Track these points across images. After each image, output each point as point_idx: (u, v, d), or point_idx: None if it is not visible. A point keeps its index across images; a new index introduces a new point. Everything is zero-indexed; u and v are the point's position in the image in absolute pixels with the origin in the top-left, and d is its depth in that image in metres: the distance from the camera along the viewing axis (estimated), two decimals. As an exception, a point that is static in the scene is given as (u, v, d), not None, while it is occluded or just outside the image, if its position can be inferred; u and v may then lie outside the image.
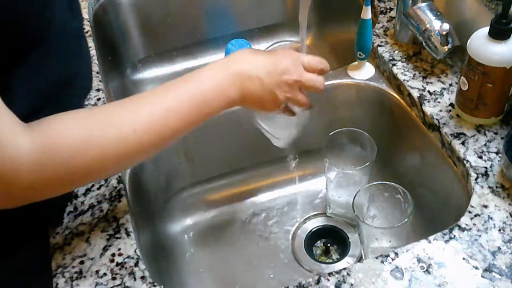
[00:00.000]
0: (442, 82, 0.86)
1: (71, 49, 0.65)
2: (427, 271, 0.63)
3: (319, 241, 0.91)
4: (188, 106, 0.58)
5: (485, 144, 0.76)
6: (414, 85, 0.86)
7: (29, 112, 0.58)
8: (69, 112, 0.54)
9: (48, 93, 0.60)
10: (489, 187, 0.71)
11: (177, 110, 0.58)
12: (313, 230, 0.93)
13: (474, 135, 0.78)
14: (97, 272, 0.67)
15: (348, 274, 0.64)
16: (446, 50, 0.84)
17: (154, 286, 0.65)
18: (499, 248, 0.65)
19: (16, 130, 0.49)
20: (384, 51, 0.93)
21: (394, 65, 0.90)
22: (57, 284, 0.66)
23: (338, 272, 0.64)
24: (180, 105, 0.58)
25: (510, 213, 0.68)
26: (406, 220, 0.73)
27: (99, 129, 0.53)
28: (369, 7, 0.86)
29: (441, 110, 0.82)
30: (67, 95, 0.64)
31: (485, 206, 0.69)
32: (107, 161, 0.54)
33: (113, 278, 0.66)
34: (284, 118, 0.75)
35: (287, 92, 0.67)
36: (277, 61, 0.67)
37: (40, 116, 0.53)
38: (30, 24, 0.54)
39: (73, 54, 0.66)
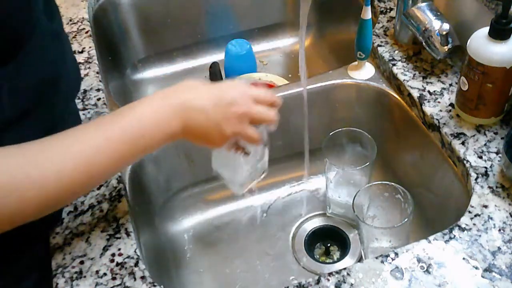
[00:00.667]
0: (442, 82, 0.86)
1: (53, 51, 0.63)
2: (427, 271, 0.63)
3: (319, 241, 0.91)
4: (120, 143, 0.54)
5: (485, 144, 0.76)
6: (414, 85, 0.86)
7: (18, 116, 0.58)
8: None
9: (33, 96, 0.59)
10: (489, 187, 0.71)
11: (107, 148, 0.54)
12: (313, 230, 0.93)
13: (474, 135, 0.78)
14: (97, 272, 0.67)
15: (348, 274, 0.64)
16: (446, 50, 0.84)
17: (154, 286, 0.65)
18: (499, 248, 0.65)
19: None
20: (384, 51, 0.93)
21: (394, 65, 0.90)
22: (57, 284, 0.66)
23: (338, 272, 0.64)
24: (111, 143, 0.54)
25: (510, 213, 0.68)
26: (406, 220, 0.73)
27: (22, 171, 0.50)
28: (369, 7, 0.86)
29: (441, 110, 0.82)
30: (52, 98, 0.63)
31: (485, 206, 0.69)
32: (30, 205, 0.51)
33: (113, 278, 0.66)
34: (239, 161, 0.69)
35: (235, 124, 0.61)
36: (223, 92, 0.62)
37: (30, 121, 0.52)
38: (12, 24, 0.53)
39: (55, 56, 0.65)
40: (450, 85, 0.85)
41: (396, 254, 0.65)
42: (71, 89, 0.71)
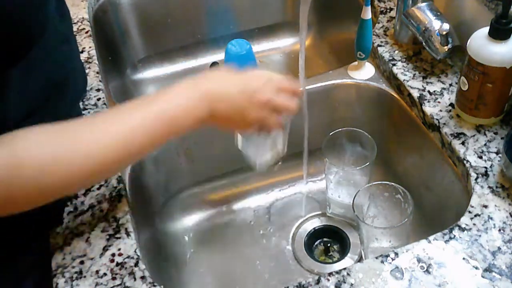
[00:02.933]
0: (442, 82, 0.86)
1: (62, 53, 0.65)
2: (427, 271, 0.63)
3: (319, 241, 0.91)
4: (154, 125, 0.58)
5: (485, 144, 0.76)
6: (414, 85, 0.86)
7: (24, 116, 0.59)
8: (39, 129, 0.54)
9: (40, 97, 0.60)
10: (489, 187, 0.71)
11: (143, 129, 0.57)
12: (313, 230, 0.93)
13: (474, 135, 0.78)
14: (97, 272, 0.67)
15: (348, 274, 0.64)
16: (446, 50, 0.84)
17: (154, 286, 0.65)
18: (499, 248, 0.65)
19: None
20: (384, 51, 0.93)
21: (394, 65, 0.90)
22: (57, 284, 0.66)
23: (338, 272, 0.64)
24: (147, 124, 0.57)
25: (510, 213, 0.68)
26: (406, 220, 0.73)
27: (67, 148, 0.53)
28: (369, 7, 0.86)
29: (441, 110, 0.82)
30: (59, 99, 0.64)
31: (485, 206, 0.69)
32: (75, 179, 0.54)
33: (113, 278, 0.66)
34: (262, 142, 0.73)
35: (259, 111, 0.65)
36: (249, 80, 0.65)
37: (35, 121, 0.53)
38: (24, 22, 0.54)
39: (64, 58, 0.66)
40: (450, 85, 0.85)
41: (396, 254, 0.65)
42: (77, 92, 0.72)
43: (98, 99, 0.88)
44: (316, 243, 0.91)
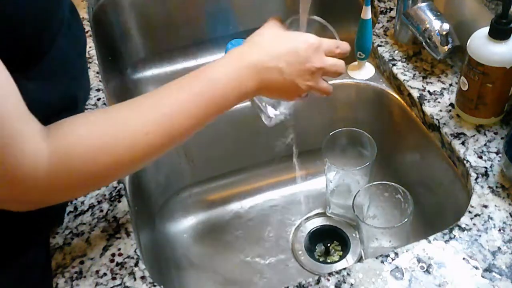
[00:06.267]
0: (442, 82, 0.86)
1: (76, 66, 0.66)
2: (427, 271, 0.63)
3: (319, 241, 0.91)
4: (200, 104, 0.57)
5: (485, 144, 0.76)
6: (414, 85, 0.86)
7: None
8: (84, 116, 0.55)
9: (55, 109, 0.60)
10: (489, 187, 0.71)
11: (188, 109, 0.57)
12: (313, 230, 0.93)
13: (474, 135, 0.78)
14: (97, 272, 0.67)
15: (348, 274, 0.64)
16: (446, 50, 0.84)
17: (154, 286, 0.65)
18: (499, 248, 0.65)
19: (36, 138, 0.49)
20: (384, 51, 0.93)
21: (394, 65, 0.90)
22: (57, 284, 0.66)
23: (338, 272, 0.64)
24: (192, 104, 0.57)
25: (510, 213, 0.68)
26: (406, 220, 0.73)
27: (112, 135, 0.53)
28: (369, 7, 0.86)
29: (441, 110, 0.82)
30: (72, 112, 0.65)
31: (485, 206, 0.69)
32: (121, 166, 0.54)
33: (113, 278, 0.66)
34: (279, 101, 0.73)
35: (310, 80, 0.64)
36: (298, 49, 0.63)
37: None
38: (47, 23, 0.54)
39: (78, 71, 0.67)
40: (450, 85, 0.85)
41: (396, 254, 0.65)
42: (84, 103, 0.72)
43: (98, 99, 0.88)
44: (316, 243, 0.91)
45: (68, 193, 0.56)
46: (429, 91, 0.85)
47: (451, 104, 0.82)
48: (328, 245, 0.90)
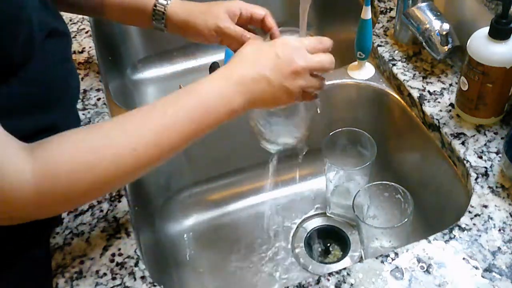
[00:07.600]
0: (442, 82, 0.86)
1: (61, 51, 0.66)
2: (427, 271, 0.63)
3: (319, 241, 0.91)
4: (188, 121, 0.57)
5: (485, 144, 0.76)
6: (414, 85, 0.86)
7: (27, 108, 0.59)
8: (68, 135, 0.55)
9: (41, 103, 0.61)
10: (489, 187, 0.71)
11: (176, 126, 0.57)
12: (313, 230, 0.93)
13: (474, 135, 0.78)
14: (97, 272, 0.67)
15: (348, 274, 0.64)
16: (446, 50, 0.84)
17: (154, 286, 0.65)
18: (499, 248, 0.65)
19: (19, 159, 0.50)
20: (384, 51, 0.93)
21: (394, 65, 0.90)
22: (57, 284, 0.66)
23: (338, 272, 0.64)
24: (180, 121, 0.57)
25: (510, 213, 0.68)
26: (406, 220, 0.73)
27: (98, 153, 0.53)
28: (369, 7, 0.86)
29: (441, 110, 0.82)
30: (59, 105, 0.65)
31: (485, 206, 0.69)
32: (106, 183, 0.55)
33: (113, 278, 0.66)
34: (286, 124, 0.73)
35: (299, 80, 0.64)
36: (278, 53, 0.64)
37: (35, 115, 0.53)
38: (8, 38, 0.54)
39: (63, 57, 0.67)
40: (450, 85, 0.85)
41: (396, 254, 0.65)
42: (74, 89, 0.72)
43: (98, 99, 0.88)
44: (316, 243, 0.91)
45: (56, 209, 0.56)
46: (429, 91, 0.85)
47: (451, 104, 0.82)
48: (328, 245, 0.90)
